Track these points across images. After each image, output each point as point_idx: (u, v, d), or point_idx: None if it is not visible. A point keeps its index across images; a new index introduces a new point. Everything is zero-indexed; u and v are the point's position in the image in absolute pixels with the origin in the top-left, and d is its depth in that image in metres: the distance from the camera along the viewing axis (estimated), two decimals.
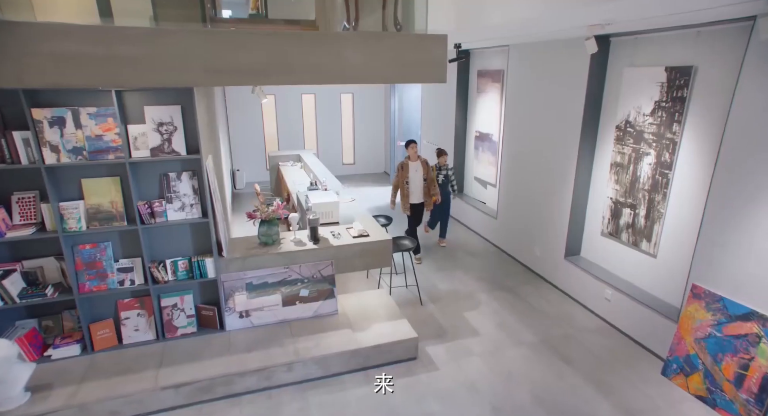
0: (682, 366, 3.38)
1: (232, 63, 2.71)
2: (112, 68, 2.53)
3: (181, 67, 2.63)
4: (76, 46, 2.45)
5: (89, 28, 2.49)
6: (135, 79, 2.59)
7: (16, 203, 3.19)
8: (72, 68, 2.47)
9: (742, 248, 3.05)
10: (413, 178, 5.36)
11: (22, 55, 2.39)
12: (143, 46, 2.56)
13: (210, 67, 2.68)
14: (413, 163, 5.36)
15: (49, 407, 2.94)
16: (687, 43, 3.45)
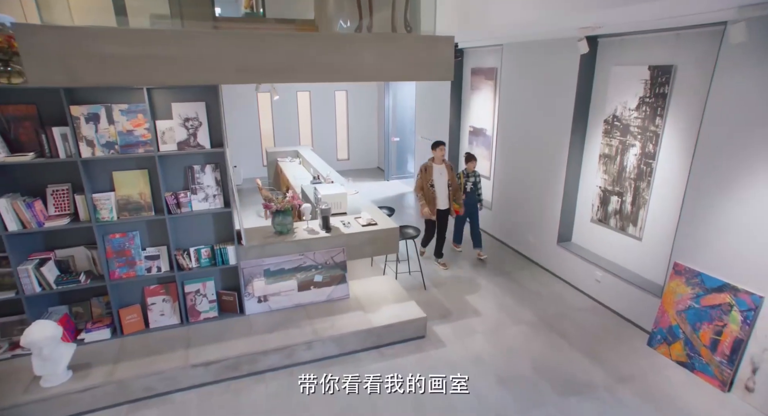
0: (666, 337, 3.78)
1: (260, 62, 2.98)
2: (152, 67, 2.77)
3: (214, 66, 2.89)
4: (121, 48, 2.69)
5: (132, 31, 2.74)
6: (173, 77, 2.84)
7: (51, 195, 3.40)
8: (117, 68, 2.71)
9: (718, 229, 3.45)
10: (438, 181, 5.14)
11: (72, 56, 2.61)
12: (180, 47, 2.81)
13: (240, 66, 2.94)
14: (437, 166, 5.16)
15: (90, 383, 3.18)
16: (667, 45, 3.84)
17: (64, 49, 2.59)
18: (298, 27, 4.58)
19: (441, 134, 7.70)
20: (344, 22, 4.58)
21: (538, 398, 3.33)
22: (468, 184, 5.55)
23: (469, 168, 5.55)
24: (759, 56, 3.04)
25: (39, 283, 3.38)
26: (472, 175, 5.57)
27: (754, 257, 3.22)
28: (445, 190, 5.20)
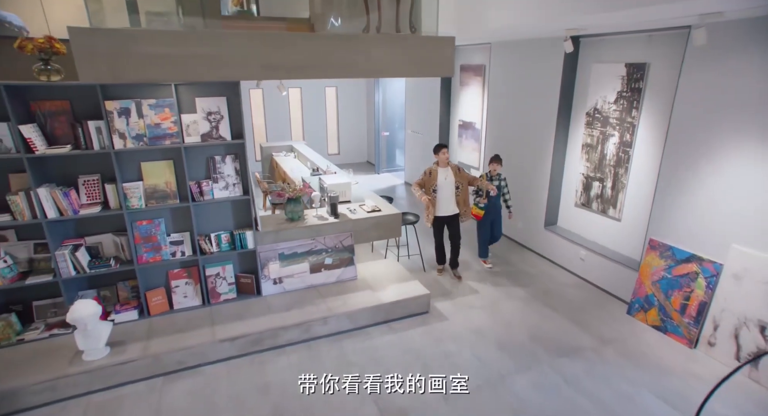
0: (642, 305, 4.30)
1: (284, 60, 3.32)
2: (187, 65, 3.09)
3: (243, 63, 3.22)
4: (159, 48, 3.01)
5: (169, 33, 3.05)
6: (205, 73, 3.17)
7: (83, 185, 3.68)
8: (156, 66, 3.02)
9: (686, 207, 3.97)
10: (443, 185, 4.84)
11: (117, 55, 2.92)
12: (213, 46, 3.14)
13: (265, 63, 3.29)
14: (443, 170, 4.87)
15: (128, 357, 3.48)
16: (641, 45, 4.34)
17: (111, 49, 2.89)
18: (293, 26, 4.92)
19: (431, 128, 8.13)
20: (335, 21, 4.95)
21: (533, 359, 3.79)
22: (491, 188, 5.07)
23: (492, 170, 5.16)
24: (718, 57, 3.55)
25: (74, 267, 3.66)
26: (496, 178, 5.18)
27: (715, 230, 3.75)
28: (452, 195, 4.90)
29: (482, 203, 5.15)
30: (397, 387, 3.39)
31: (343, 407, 3.26)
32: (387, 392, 3.38)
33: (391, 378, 3.42)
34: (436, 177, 4.86)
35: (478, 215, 5.20)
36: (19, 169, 3.46)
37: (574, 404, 3.29)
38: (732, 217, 3.64)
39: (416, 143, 8.92)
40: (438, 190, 4.87)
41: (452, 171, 4.90)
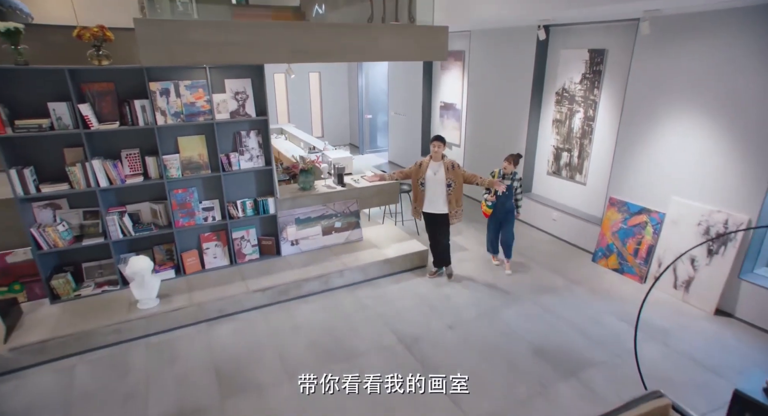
0: (604, 252, 5.22)
1: (309, 45, 3.93)
2: (230, 50, 3.67)
3: (275, 48, 3.82)
4: (206, 36, 3.57)
5: (214, 23, 3.62)
6: (244, 57, 3.75)
7: (125, 158, 4.20)
8: (204, 50, 3.59)
9: (638, 169, 4.88)
10: (430, 180, 4.59)
11: (172, 42, 3.47)
12: (250, 34, 3.72)
13: (293, 48, 3.89)
14: (434, 164, 4.60)
15: (177, 306, 4.08)
16: (601, 33, 5.18)
17: (167, 37, 3.44)
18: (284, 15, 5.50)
19: (414, 109, 8.85)
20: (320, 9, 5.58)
21: (518, 297, 4.63)
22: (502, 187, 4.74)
23: (505, 169, 4.87)
24: (660, 44, 4.42)
25: (121, 231, 4.20)
26: (509, 177, 4.87)
27: (660, 186, 4.67)
28: (441, 192, 4.60)
29: (489, 201, 4.94)
30: (409, 322, 4.17)
31: (367, 336, 4.00)
32: (401, 325, 4.14)
33: (404, 314, 4.18)
34: (425, 170, 4.60)
35: (486, 213, 5.07)
36: (72, 143, 3.95)
37: (553, 326, 4.15)
38: (672, 175, 4.56)
39: (399, 124, 9.63)
40: (425, 184, 4.62)
41: (445, 167, 4.57)
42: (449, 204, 4.67)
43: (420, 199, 4.73)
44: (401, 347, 3.85)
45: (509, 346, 3.87)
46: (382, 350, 3.82)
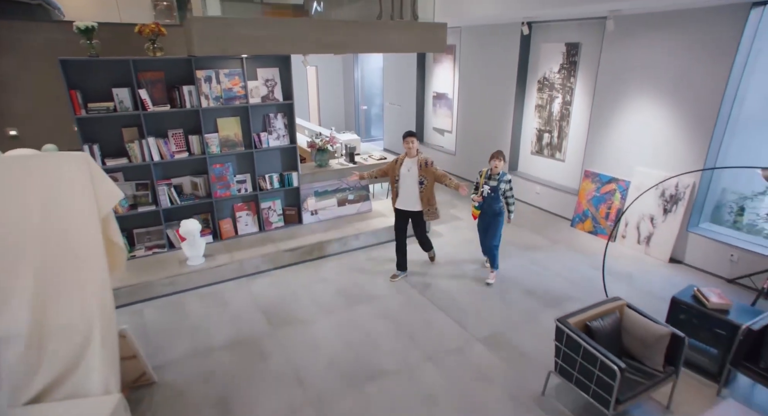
0: (581, 218, 6.14)
1: (329, 38, 4.71)
2: (268, 42, 4.43)
3: (304, 41, 4.59)
4: (250, 31, 4.32)
5: (257, 20, 4.37)
6: (280, 48, 4.51)
7: (172, 137, 4.91)
8: (247, 43, 4.33)
9: (608, 145, 5.79)
10: (404, 177, 4.59)
11: (222, 36, 4.21)
12: (283, 29, 4.48)
13: (320, 41, 4.67)
14: (408, 160, 4.60)
15: (220, 263, 4.83)
16: (576, 29, 6.07)
17: (218, 31, 4.19)
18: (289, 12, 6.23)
19: (408, 99, 9.66)
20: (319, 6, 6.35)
21: (509, 254, 5.49)
22: (485, 188, 4.60)
23: (493, 170, 4.59)
24: (623, 39, 5.33)
25: (170, 200, 4.92)
26: (495, 178, 4.59)
27: (626, 158, 5.59)
28: (413, 189, 4.60)
29: (476, 202, 4.66)
30: (419, 274, 4.99)
31: (385, 286, 4.81)
32: (411, 275, 4.97)
33: (413, 268, 5.01)
34: (400, 167, 4.62)
35: (475, 214, 4.82)
36: (128, 124, 4.65)
37: (538, 274, 5.03)
38: (635, 149, 5.48)
39: (393, 114, 10.43)
40: (399, 181, 4.63)
41: (418, 164, 4.55)
42: (421, 202, 4.64)
43: (395, 196, 4.74)
44: (414, 291, 4.69)
45: (504, 288, 4.73)
46: (398, 293, 4.64)
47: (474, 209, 4.78)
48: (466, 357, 3.70)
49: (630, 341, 3.12)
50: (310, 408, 3.18)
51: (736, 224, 5.29)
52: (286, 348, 3.81)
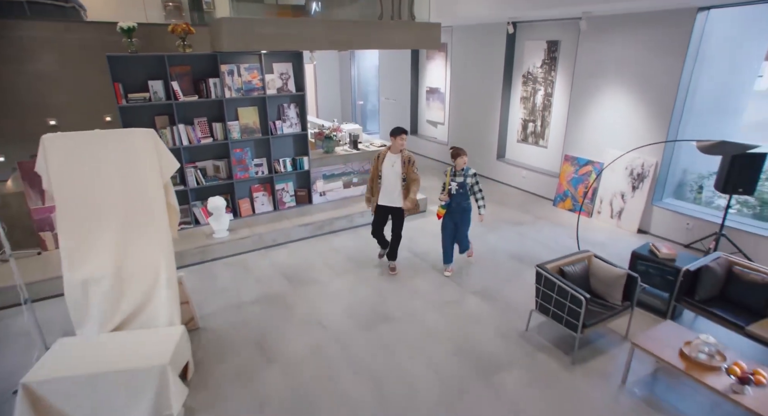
0: (562, 197, 6.89)
1: (338, 36, 5.39)
2: (286, 40, 5.09)
3: (317, 39, 5.26)
4: (270, 29, 4.97)
5: (275, 20, 5.02)
6: (296, 45, 5.18)
7: (197, 124, 5.54)
8: (267, 40, 4.99)
9: (584, 131, 6.55)
10: (387, 173, 4.60)
11: (246, 34, 4.86)
12: (299, 28, 5.14)
13: (330, 38, 5.34)
14: (392, 156, 4.58)
15: (242, 236, 5.48)
16: (556, 28, 6.82)
17: (242, 30, 4.84)
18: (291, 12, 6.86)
19: (403, 94, 10.36)
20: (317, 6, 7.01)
21: (498, 227, 6.22)
22: (453, 185, 4.64)
23: (457, 165, 4.63)
24: (595, 37, 6.09)
25: (196, 181, 5.56)
26: (461, 173, 4.65)
27: (599, 142, 6.35)
28: (396, 185, 4.63)
29: (443, 201, 4.69)
30: (419, 243, 5.70)
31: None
32: (412, 244, 5.67)
33: (415, 239, 5.71)
34: (383, 162, 4.63)
35: (440, 214, 4.80)
36: (160, 112, 5.28)
37: (523, 244, 5.76)
38: (607, 134, 6.24)
39: (389, 108, 11.13)
40: (382, 177, 4.64)
41: (402, 161, 4.58)
42: (402, 197, 4.68)
43: (377, 191, 4.72)
44: (416, 259, 5.39)
45: (494, 255, 5.45)
46: (400, 260, 5.33)
47: (440, 208, 4.79)
48: (461, 306, 4.41)
49: (595, 283, 3.86)
50: (334, 343, 3.86)
51: (696, 200, 6.08)
52: (307, 302, 4.49)
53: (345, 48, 5.50)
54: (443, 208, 4.78)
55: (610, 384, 3.38)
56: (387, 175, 4.64)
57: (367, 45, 5.66)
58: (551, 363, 3.61)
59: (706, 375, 2.86)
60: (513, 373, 3.51)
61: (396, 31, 5.81)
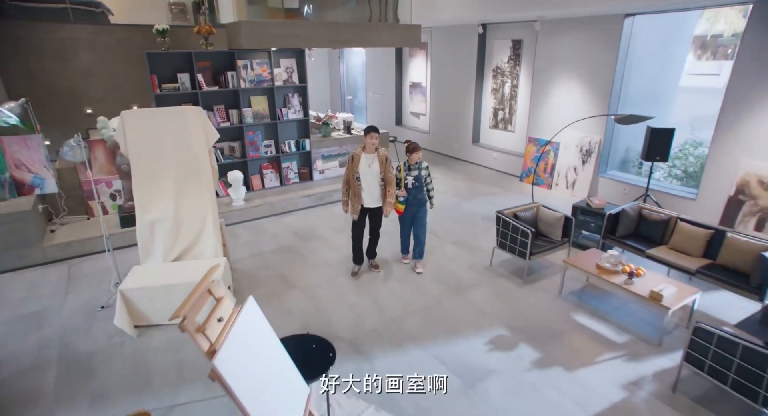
0: (526, 174, 8.08)
1: (338, 36, 6.47)
2: (294, 39, 6.15)
3: (319, 38, 6.33)
4: (280, 30, 6.03)
5: (284, 22, 6.07)
6: (302, 43, 6.24)
7: (217, 111, 6.56)
8: (278, 39, 6.04)
9: (544, 116, 7.75)
10: (365, 174, 4.49)
11: (259, 34, 5.90)
12: (304, 29, 6.21)
13: (330, 38, 6.42)
14: (367, 156, 4.49)
15: (255, 204, 6.52)
16: (518, 28, 8.01)
17: (257, 31, 5.89)
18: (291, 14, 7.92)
19: (388, 88, 11.47)
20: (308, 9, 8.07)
21: (472, 197, 7.37)
22: (409, 179, 4.71)
23: (410, 160, 4.69)
24: (550, 37, 7.29)
25: (216, 158, 6.57)
26: (415, 167, 4.72)
27: (556, 124, 7.55)
28: (375, 185, 4.56)
29: (401, 196, 4.75)
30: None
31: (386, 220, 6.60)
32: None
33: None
34: (359, 163, 4.49)
35: (399, 210, 4.86)
36: (185, 100, 6.28)
37: (494, 208, 6.86)
38: (562, 118, 7.45)
39: (376, 102, 12.23)
40: (361, 179, 4.51)
41: (379, 160, 4.50)
42: (381, 197, 4.65)
43: (358, 195, 4.56)
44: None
45: (469, 218, 6.59)
46: (392, 220, 6.43)
47: (399, 204, 4.81)
48: (440, 251, 5.53)
49: (542, 225, 5.01)
50: (341, 276, 4.95)
51: (638, 173, 7.31)
52: (316, 250, 5.56)
53: (342, 46, 6.58)
54: (402, 204, 4.82)
55: (550, 295, 4.54)
56: (365, 176, 4.51)
57: (359, 43, 6.76)
58: (508, 284, 4.76)
59: (611, 276, 4.03)
60: (479, 291, 4.64)
61: (383, 31, 6.92)
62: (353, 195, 4.62)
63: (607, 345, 3.79)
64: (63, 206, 5.79)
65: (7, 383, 3.40)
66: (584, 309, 4.28)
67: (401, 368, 3.50)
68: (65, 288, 4.71)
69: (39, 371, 3.53)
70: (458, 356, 3.67)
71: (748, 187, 5.25)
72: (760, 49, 5.02)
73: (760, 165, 5.18)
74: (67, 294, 4.59)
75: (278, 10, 7.36)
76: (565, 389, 3.31)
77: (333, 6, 7.56)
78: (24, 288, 4.73)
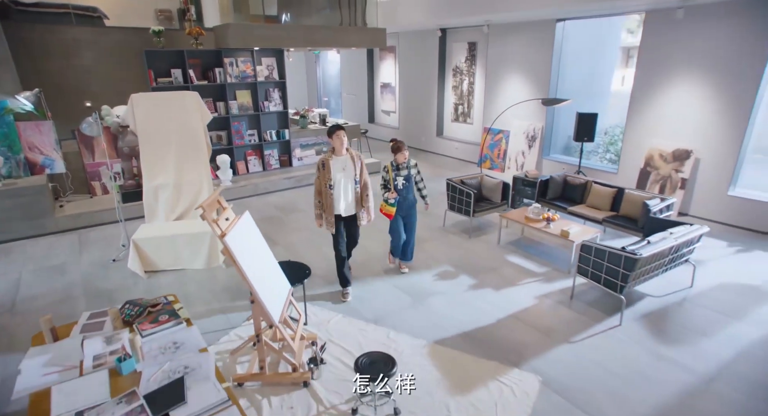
0: (483, 160, 9.13)
1: (313, 38, 7.42)
2: (276, 39, 7.07)
3: (297, 39, 7.27)
4: (264, 32, 6.94)
5: (267, 26, 7.00)
6: (283, 43, 7.17)
7: (205, 103, 7.40)
8: (262, 40, 6.95)
9: (496, 108, 8.83)
10: (338, 179, 4.00)
11: (245, 35, 6.81)
12: (284, 31, 7.14)
13: (305, 39, 7.37)
14: (338, 159, 4.02)
15: (242, 184, 7.37)
16: (472, 32, 9.11)
17: (243, 32, 6.80)
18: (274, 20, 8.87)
19: (360, 89, 12.47)
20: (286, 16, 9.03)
21: (440, 182, 8.36)
22: (399, 180, 4.48)
23: (398, 159, 4.46)
24: (497, 39, 8.39)
25: (219, 143, 7.41)
26: (404, 166, 4.50)
27: (507, 116, 8.64)
28: (350, 190, 4.08)
29: (391, 199, 4.48)
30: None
31: None
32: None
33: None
34: (330, 169, 3.98)
35: (390, 214, 4.54)
36: None
37: None
38: (511, 109, 8.53)
39: (350, 102, 13.22)
40: (335, 186, 4.00)
41: (352, 160, 4.06)
42: (357, 203, 4.16)
43: (331, 206, 4.05)
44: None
45: (433, 194, 7.57)
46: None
47: (389, 207, 4.51)
48: None
49: (485, 190, 6.02)
50: (318, 237, 5.84)
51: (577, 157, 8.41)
52: (296, 220, 6.45)
53: (316, 46, 7.52)
54: (393, 206, 4.50)
55: (491, 244, 5.53)
56: (339, 180, 4.00)
57: (332, 44, 7.72)
58: (457, 238, 5.73)
59: (534, 222, 5.04)
60: (432, 243, 5.60)
61: (352, 34, 7.91)
62: (326, 206, 4.07)
63: (528, 274, 4.79)
64: (69, 185, 6.55)
65: (45, 309, 4.18)
66: (516, 253, 5.28)
67: (365, 294, 4.42)
68: (79, 250, 5.47)
69: (71, 300, 4.33)
70: (412, 284, 4.61)
71: (652, 160, 6.38)
72: (654, 50, 6.18)
73: (660, 142, 6.32)
74: (82, 254, 5.36)
75: (259, 16, 8.29)
76: (492, 301, 4.27)
77: (308, 13, 8.52)
78: (44, 249, 5.49)
